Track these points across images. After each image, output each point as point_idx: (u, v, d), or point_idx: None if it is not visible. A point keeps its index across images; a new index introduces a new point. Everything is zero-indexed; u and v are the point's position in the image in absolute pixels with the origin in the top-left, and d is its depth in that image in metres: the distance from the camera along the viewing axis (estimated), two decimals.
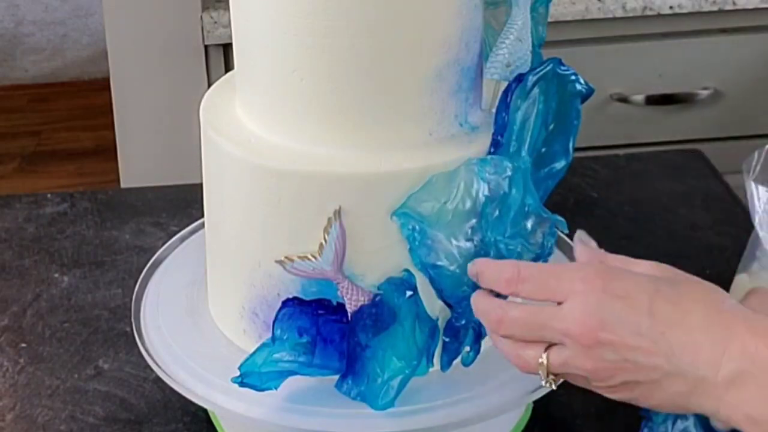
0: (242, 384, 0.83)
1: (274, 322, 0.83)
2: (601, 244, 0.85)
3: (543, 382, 0.77)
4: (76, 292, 1.17)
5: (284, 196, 0.84)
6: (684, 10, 1.78)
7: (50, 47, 3.49)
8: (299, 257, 0.83)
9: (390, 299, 0.83)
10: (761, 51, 1.84)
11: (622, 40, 1.82)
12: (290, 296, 0.84)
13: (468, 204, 0.82)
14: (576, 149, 0.90)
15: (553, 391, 0.88)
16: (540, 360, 0.75)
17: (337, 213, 0.82)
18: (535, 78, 0.84)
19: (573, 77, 0.86)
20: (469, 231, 0.82)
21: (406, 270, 0.84)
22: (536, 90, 0.84)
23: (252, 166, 0.85)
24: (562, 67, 0.85)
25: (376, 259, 0.84)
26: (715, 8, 1.78)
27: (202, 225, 0.99)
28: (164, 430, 0.98)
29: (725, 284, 1.04)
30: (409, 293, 0.83)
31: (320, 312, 0.83)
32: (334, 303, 0.83)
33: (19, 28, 3.47)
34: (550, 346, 0.75)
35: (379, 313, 0.83)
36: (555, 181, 0.89)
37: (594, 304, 0.73)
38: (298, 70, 0.83)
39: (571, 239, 1.03)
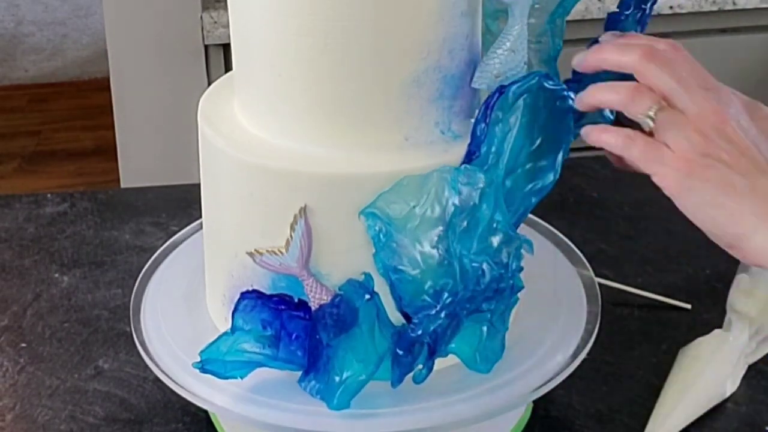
0: (203, 370, 0.84)
1: (233, 313, 0.84)
2: (601, 244, 0.85)
3: (642, 121, 0.78)
4: (76, 292, 1.17)
5: (255, 189, 0.85)
6: (684, 10, 1.78)
7: (50, 47, 3.50)
8: (267, 251, 0.84)
9: (351, 301, 0.83)
10: (761, 51, 1.84)
11: None
12: (261, 289, 0.85)
13: (437, 211, 0.82)
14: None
15: (553, 391, 0.88)
16: (651, 109, 0.77)
17: (303, 210, 0.83)
18: (518, 91, 0.82)
19: (564, 93, 0.83)
20: (435, 239, 0.82)
21: (366, 273, 0.84)
22: (520, 103, 0.82)
23: (229, 158, 0.87)
24: (550, 82, 0.83)
25: (342, 260, 0.84)
26: (715, 8, 1.78)
27: (202, 225, 0.99)
28: (164, 430, 0.98)
29: (725, 284, 1.05)
30: (367, 297, 0.83)
31: (282, 307, 0.83)
32: (296, 299, 0.84)
33: (19, 28, 3.47)
34: (663, 103, 0.77)
35: (339, 313, 0.83)
36: (539, 198, 0.87)
37: (739, 109, 0.79)
38: (275, 65, 0.84)
39: (563, 247, 1.03)
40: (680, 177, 0.76)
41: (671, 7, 1.77)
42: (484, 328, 0.86)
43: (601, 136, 0.81)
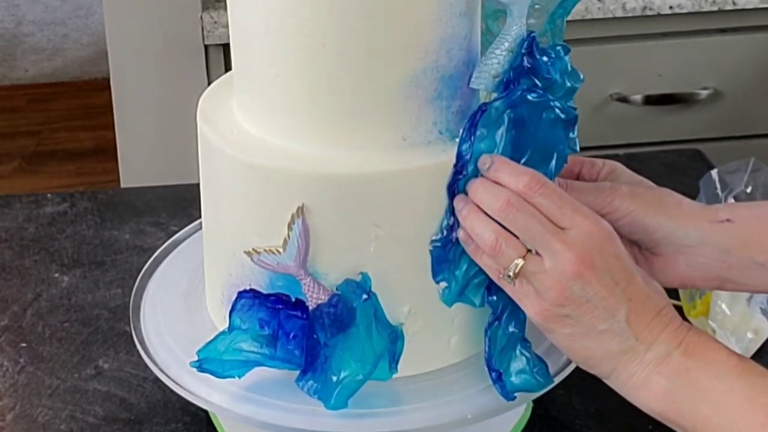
0: (201, 369, 0.84)
1: (231, 312, 0.84)
2: None
3: (501, 275, 0.81)
4: (76, 292, 1.17)
5: (253, 188, 0.86)
6: (684, 10, 1.78)
7: (50, 47, 3.49)
8: (265, 250, 0.85)
9: (348, 300, 0.84)
10: (761, 51, 1.84)
11: (622, 40, 1.82)
12: (259, 288, 0.85)
13: None
14: None
15: (553, 390, 0.88)
16: (516, 262, 0.80)
17: (300, 210, 0.83)
18: (501, 106, 0.82)
19: (550, 103, 0.83)
20: None
21: (364, 273, 0.84)
22: (505, 118, 0.82)
23: (227, 157, 0.87)
24: (533, 95, 0.83)
25: (340, 259, 0.84)
26: (714, 8, 1.78)
27: (202, 225, 0.99)
28: (164, 430, 0.98)
29: None
30: (364, 296, 0.83)
31: (279, 306, 0.84)
32: (293, 298, 0.84)
33: (19, 28, 3.47)
34: (527, 253, 0.80)
35: (337, 313, 0.84)
36: None
37: (596, 245, 0.79)
38: (273, 65, 0.84)
39: None
40: (539, 320, 0.81)
41: (671, 7, 1.77)
42: (524, 351, 0.86)
43: (474, 228, 0.83)
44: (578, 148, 0.87)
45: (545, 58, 0.84)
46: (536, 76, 0.84)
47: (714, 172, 1.17)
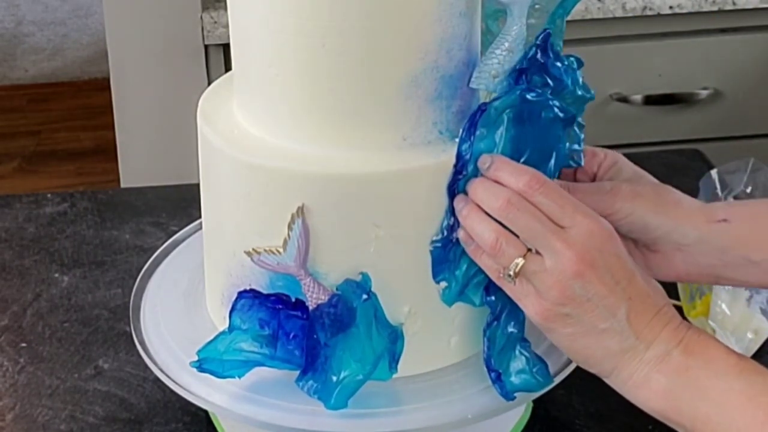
0: (201, 369, 0.84)
1: (231, 312, 0.84)
2: None
3: (501, 274, 0.81)
4: (76, 292, 1.17)
5: (253, 189, 0.86)
6: (684, 10, 1.78)
7: (50, 47, 3.49)
8: (265, 250, 0.85)
9: (348, 300, 0.84)
10: (761, 51, 1.85)
11: (622, 40, 1.82)
12: (259, 288, 0.85)
13: None
14: None
15: (553, 390, 0.88)
16: (517, 261, 0.80)
17: (300, 210, 0.83)
18: (500, 106, 0.83)
19: (549, 103, 0.83)
20: None
21: (364, 273, 0.84)
22: (504, 118, 0.83)
23: (227, 157, 0.87)
24: (532, 94, 0.83)
25: (340, 259, 0.84)
26: (715, 8, 1.78)
27: (202, 225, 0.99)
28: (164, 430, 0.98)
29: None
30: (364, 296, 0.83)
31: (279, 306, 0.84)
32: (293, 298, 0.84)
33: (19, 28, 3.47)
34: (527, 252, 0.80)
35: (337, 313, 0.84)
36: None
37: (597, 244, 0.79)
38: (273, 65, 0.85)
39: None
40: (540, 320, 0.81)
41: (671, 7, 1.77)
42: (524, 351, 0.86)
43: (474, 227, 0.83)
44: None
45: (558, 64, 0.84)
46: (548, 74, 0.84)
47: (714, 172, 1.17)
